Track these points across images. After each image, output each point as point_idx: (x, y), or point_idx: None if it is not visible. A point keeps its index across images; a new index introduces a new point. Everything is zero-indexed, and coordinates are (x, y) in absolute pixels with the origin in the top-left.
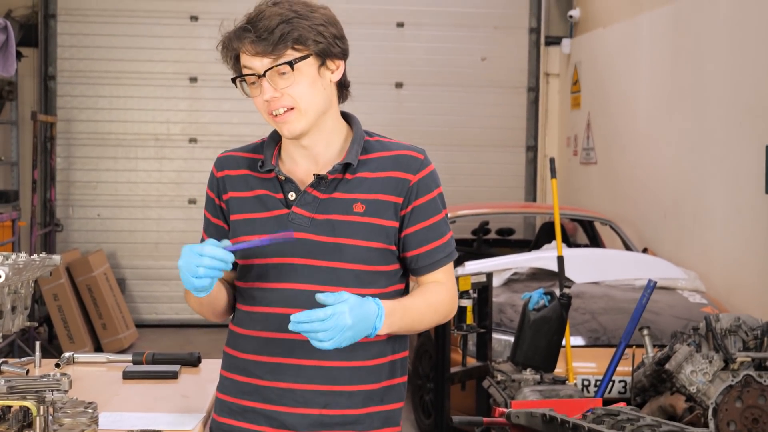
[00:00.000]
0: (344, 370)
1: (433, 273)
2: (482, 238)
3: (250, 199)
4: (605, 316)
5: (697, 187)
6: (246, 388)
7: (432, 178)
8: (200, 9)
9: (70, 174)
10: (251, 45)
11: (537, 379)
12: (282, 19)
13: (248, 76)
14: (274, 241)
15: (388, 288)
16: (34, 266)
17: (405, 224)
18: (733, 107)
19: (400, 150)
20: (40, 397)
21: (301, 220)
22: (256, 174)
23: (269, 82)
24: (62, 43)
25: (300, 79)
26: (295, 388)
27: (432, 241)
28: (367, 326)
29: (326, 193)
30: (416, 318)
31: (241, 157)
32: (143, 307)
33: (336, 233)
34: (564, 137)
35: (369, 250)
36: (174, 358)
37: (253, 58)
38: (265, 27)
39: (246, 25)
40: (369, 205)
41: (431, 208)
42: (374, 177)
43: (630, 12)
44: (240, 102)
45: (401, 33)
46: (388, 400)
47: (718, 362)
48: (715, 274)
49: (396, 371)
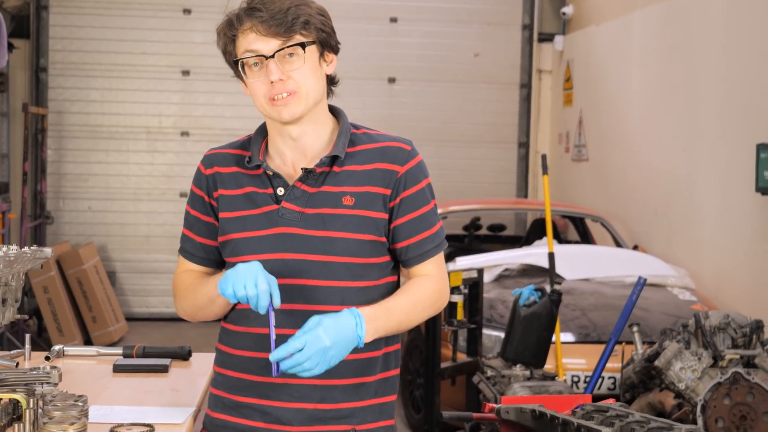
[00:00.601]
0: (339, 364)
1: (422, 264)
2: (473, 233)
3: (240, 197)
4: (595, 313)
5: (687, 184)
6: (240, 384)
7: (420, 168)
8: (193, 2)
9: (61, 166)
10: (262, 25)
11: (527, 375)
12: (292, 3)
13: (254, 57)
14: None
15: (380, 280)
16: (25, 259)
17: (394, 216)
18: (725, 105)
19: (387, 141)
20: (30, 390)
21: (290, 215)
22: (244, 170)
23: (277, 64)
24: (54, 35)
25: (305, 64)
26: (291, 383)
27: (421, 232)
28: (349, 339)
29: (315, 187)
30: (402, 318)
31: (230, 154)
32: (134, 301)
33: (326, 227)
34: (556, 134)
35: (360, 242)
36: (164, 352)
37: (260, 39)
38: (278, 8)
39: (255, 6)
40: (358, 197)
41: (420, 199)
42: (362, 169)
43: (622, 9)
44: (232, 96)
45: (395, 28)
46: (381, 393)
47: (707, 359)
48: (705, 271)
49: (390, 363)
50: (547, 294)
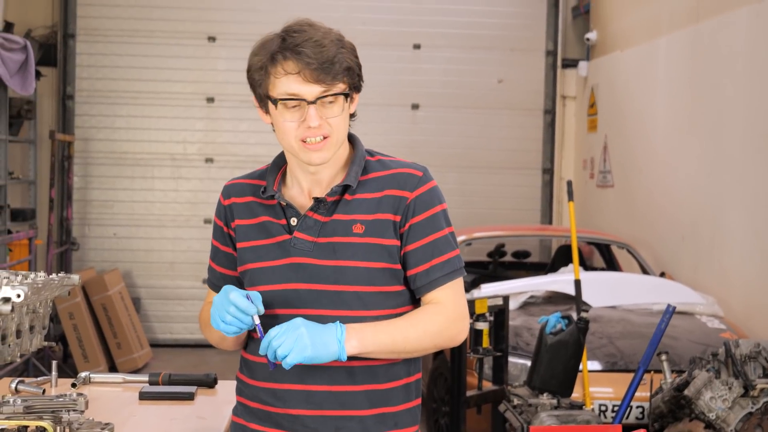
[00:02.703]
0: (356, 394)
1: (432, 292)
2: (498, 260)
3: (255, 227)
4: (622, 341)
5: (715, 210)
6: (258, 413)
7: (431, 194)
8: (218, 30)
9: (87, 193)
10: (311, 72)
11: (554, 404)
12: (336, 50)
13: (294, 100)
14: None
15: (395, 309)
16: (52, 286)
17: (404, 242)
18: (751, 131)
19: (399, 168)
20: (57, 417)
21: (303, 245)
22: (259, 200)
23: (317, 110)
24: (81, 63)
25: (341, 110)
26: (305, 415)
27: (430, 260)
28: (327, 339)
29: (327, 216)
30: (397, 338)
31: (246, 185)
32: (158, 327)
33: (337, 256)
34: (580, 160)
35: (370, 270)
36: (190, 379)
37: (304, 84)
38: (326, 56)
39: (303, 49)
40: (368, 225)
41: (429, 226)
42: (372, 197)
43: (647, 35)
44: (256, 122)
45: (418, 55)
46: (402, 424)
47: (738, 389)
48: (734, 298)
49: (411, 394)
50: (574, 321)
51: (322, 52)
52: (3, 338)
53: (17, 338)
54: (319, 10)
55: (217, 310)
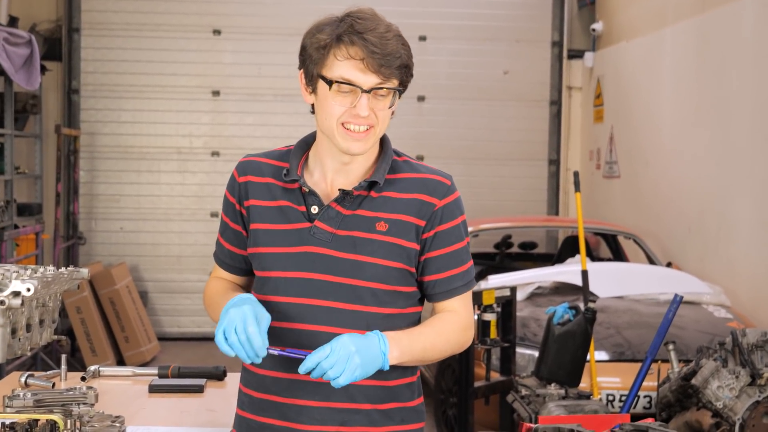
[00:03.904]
0: (364, 388)
1: (449, 301)
2: (505, 251)
3: (273, 209)
4: (630, 331)
5: (721, 200)
6: (264, 404)
7: (457, 205)
8: (223, 23)
9: (93, 187)
10: (374, 61)
11: (561, 394)
12: (398, 45)
13: (350, 85)
14: (298, 354)
15: (405, 309)
16: (62, 279)
17: (426, 248)
18: (758, 121)
19: (429, 174)
20: (67, 410)
21: (322, 234)
22: (279, 183)
23: (369, 99)
24: (86, 57)
25: (389, 104)
26: (312, 406)
27: (452, 269)
28: (374, 353)
29: (350, 210)
30: (428, 347)
31: (266, 164)
32: (165, 320)
33: (357, 250)
34: (587, 151)
35: (388, 269)
36: (199, 372)
37: (363, 72)
38: (391, 50)
39: (370, 37)
40: (392, 224)
41: (454, 235)
42: (399, 197)
43: (654, 25)
44: (262, 115)
45: (424, 46)
46: (409, 420)
47: (745, 378)
48: (741, 288)
49: (415, 392)
50: (581, 312)
51: (387, 44)
52: (13, 332)
53: (27, 332)
54: (325, 1)
55: (226, 328)
